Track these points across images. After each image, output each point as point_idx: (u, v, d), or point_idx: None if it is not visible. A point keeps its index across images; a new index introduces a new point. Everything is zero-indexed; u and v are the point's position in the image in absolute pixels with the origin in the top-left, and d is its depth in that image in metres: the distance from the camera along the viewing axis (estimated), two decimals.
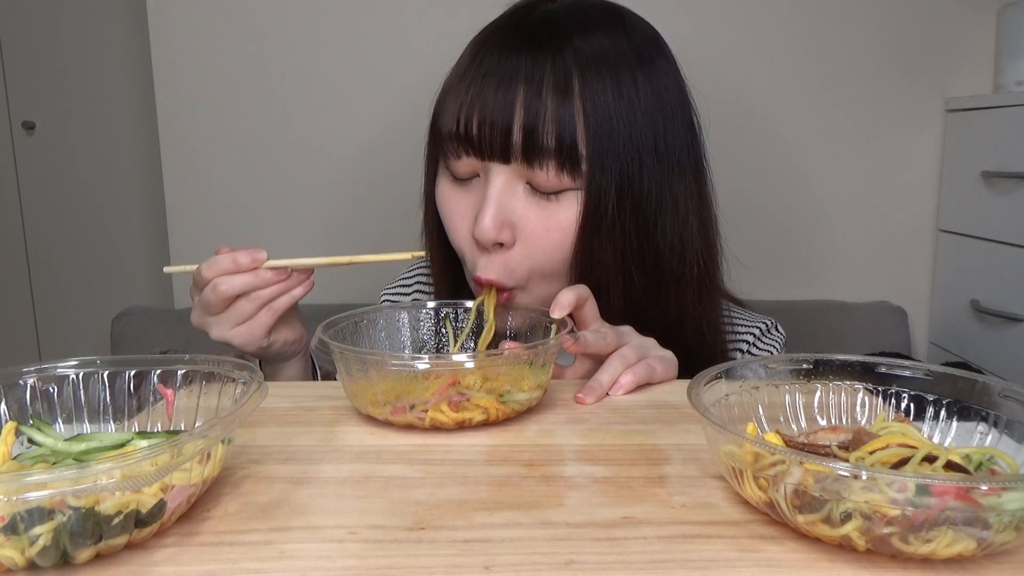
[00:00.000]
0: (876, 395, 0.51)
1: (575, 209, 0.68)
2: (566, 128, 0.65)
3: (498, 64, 0.67)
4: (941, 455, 0.40)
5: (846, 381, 0.52)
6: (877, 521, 0.35)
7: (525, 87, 0.66)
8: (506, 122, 0.66)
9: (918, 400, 0.50)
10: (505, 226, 0.68)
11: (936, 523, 0.35)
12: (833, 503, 0.36)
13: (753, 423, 0.48)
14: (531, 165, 0.66)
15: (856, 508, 0.36)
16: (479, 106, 0.67)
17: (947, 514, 0.35)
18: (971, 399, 0.47)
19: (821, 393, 0.52)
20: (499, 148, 0.67)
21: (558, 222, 0.68)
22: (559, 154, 0.66)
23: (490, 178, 0.68)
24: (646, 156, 0.68)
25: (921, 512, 0.35)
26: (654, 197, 0.69)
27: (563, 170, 0.66)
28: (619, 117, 0.67)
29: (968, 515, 0.35)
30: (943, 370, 0.49)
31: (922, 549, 0.36)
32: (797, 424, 0.51)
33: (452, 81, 0.72)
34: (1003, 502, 0.34)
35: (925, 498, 0.34)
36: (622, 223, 0.68)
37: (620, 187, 0.68)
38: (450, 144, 0.70)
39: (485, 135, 0.67)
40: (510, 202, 0.68)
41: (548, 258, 0.70)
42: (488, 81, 0.67)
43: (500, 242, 0.68)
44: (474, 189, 0.71)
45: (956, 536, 0.35)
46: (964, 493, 0.34)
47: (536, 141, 0.65)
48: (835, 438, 0.48)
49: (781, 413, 0.51)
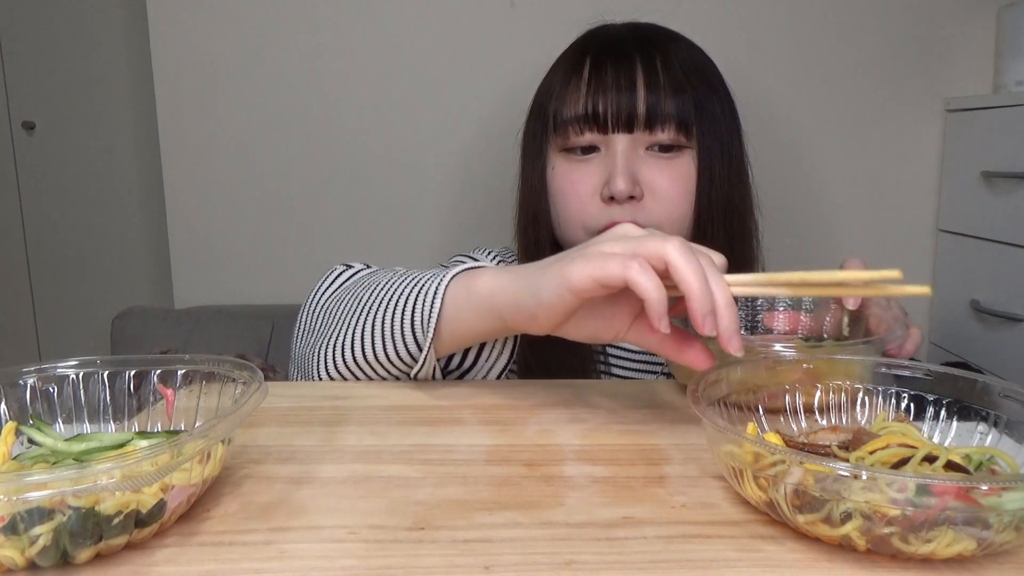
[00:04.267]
0: (876, 395, 0.51)
1: (691, 165, 0.81)
2: (681, 96, 0.79)
3: (612, 54, 0.81)
4: (941, 455, 0.41)
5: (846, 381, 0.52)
6: (877, 521, 0.35)
7: (643, 66, 0.79)
8: (631, 97, 0.79)
9: (918, 400, 0.50)
10: (636, 182, 0.79)
11: (936, 523, 0.35)
12: (833, 503, 0.36)
13: (753, 423, 0.48)
14: (653, 130, 0.79)
15: (856, 508, 0.36)
16: (602, 88, 0.79)
17: (947, 514, 0.35)
18: (971, 399, 0.47)
19: (821, 393, 0.52)
20: (624, 119, 0.79)
21: (680, 175, 0.81)
22: (678, 116, 0.79)
23: (615, 147, 0.80)
24: (734, 133, 0.84)
25: (921, 512, 0.35)
26: (738, 164, 0.84)
27: (680, 131, 0.80)
28: (712, 89, 0.82)
29: (968, 515, 0.35)
30: (943, 370, 0.49)
31: (922, 549, 0.36)
32: (797, 424, 0.51)
33: (563, 79, 0.84)
34: (1003, 502, 0.34)
35: (925, 498, 0.34)
36: (724, 181, 0.82)
37: (723, 149, 0.82)
38: (574, 126, 0.81)
39: (611, 110, 0.79)
40: (635, 164, 0.80)
41: (676, 205, 0.80)
42: (606, 68, 0.80)
43: (632, 196, 0.79)
44: (595, 161, 0.82)
45: (956, 536, 0.35)
46: (964, 493, 0.34)
47: (658, 109, 0.79)
48: (835, 438, 0.48)
49: (781, 413, 0.51)
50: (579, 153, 0.82)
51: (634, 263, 0.48)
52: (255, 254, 1.50)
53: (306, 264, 1.50)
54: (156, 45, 1.44)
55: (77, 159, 1.87)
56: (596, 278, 0.49)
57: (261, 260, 1.50)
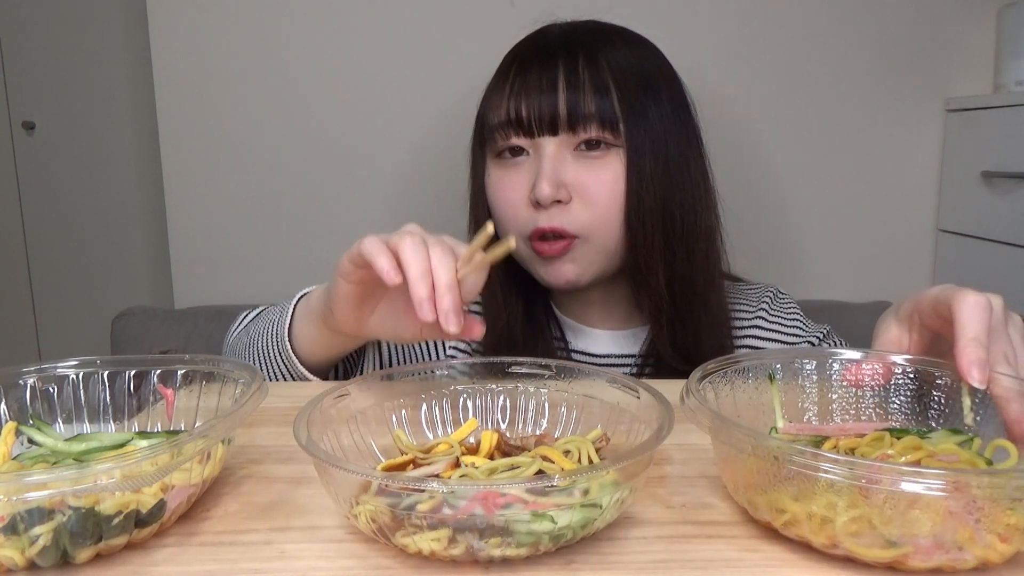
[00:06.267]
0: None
1: (620, 165, 0.78)
2: (603, 95, 0.77)
3: (537, 57, 0.80)
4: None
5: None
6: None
7: (564, 68, 0.77)
8: (552, 99, 0.77)
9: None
10: (561, 186, 0.77)
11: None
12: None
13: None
14: (575, 131, 0.77)
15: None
16: (525, 92, 0.78)
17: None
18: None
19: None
20: (547, 122, 0.77)
21: (608, 175, 0.78)
22: (600, 115, 0.76)
23: (541, 150, 0.78)
24: (670, 126, 0.79)
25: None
26: (678, 163, 0.79)
27: (604, 129, 0.77)
28: (645, 88, 0.79)
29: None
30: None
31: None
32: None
33: (494, 85, 0.83)
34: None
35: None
36: (658, 181, 0.78)
37: (654, 146, 0.78)
38: (500, 132, 0.80)
39: (534, 114, 0.77)
40: (562, 166, 0.78)
41: (605, 206, 0.78)
42: (530, 71, 0.79)
43: (558, 199, 0.77)
44: (524, 166, 0.80)
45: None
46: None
47: (579, 110, 0.76)
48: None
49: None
50: (509, 157, 0.81)
51: (367, 240, 0.55)
52: (255, 254, 1.50)
53: (306, 264, 1.50)
54: (156, 45, 1.43)
55: (77, 159, 1.87)
56: (347, 257, 0.58)
57: (261, 260, 1.50)
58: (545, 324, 0.88)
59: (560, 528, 0.36)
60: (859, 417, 0.50)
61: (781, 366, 0.51)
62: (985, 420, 0.46)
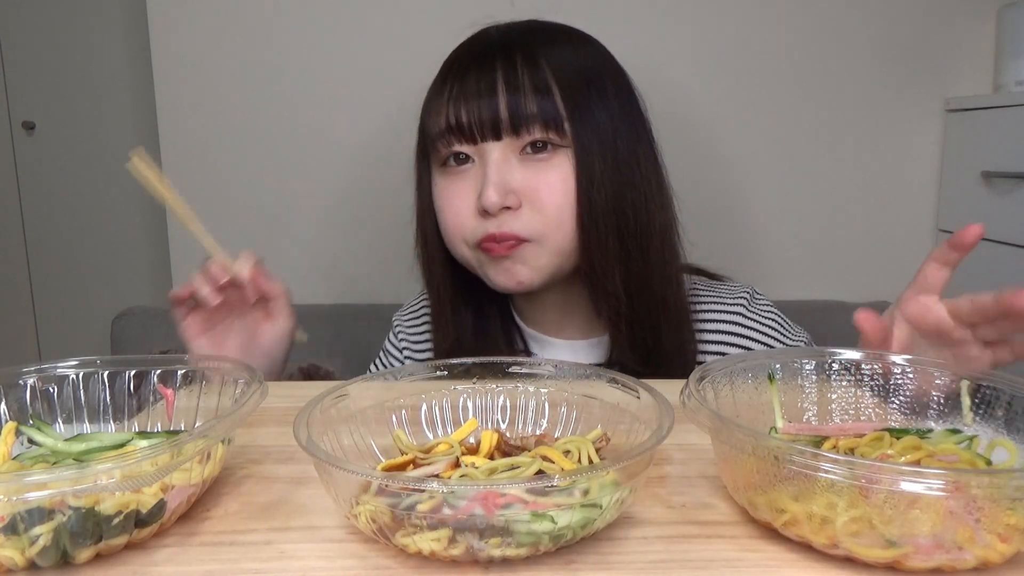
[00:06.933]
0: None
1: (568, 166, 0.75)
2: (544, 95, 0.74)
3: (474, 61, 0.77)
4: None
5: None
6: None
7: (503, 70, 0.75)
8: (492, 103, 0.74)
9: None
10: (509, 192, 0.75)
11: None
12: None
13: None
14: (519, 134, 0.74)
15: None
16: (463, 97, 0.75)
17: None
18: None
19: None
20: (489, 127, 0.74)
21: (556, 177, 0.75)
22: (542, 116, 0.74)
23: (486, 156, 0.75)
24: (618, 124, 0.77)
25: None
26: (628, 160, 0.77)
27: (549, 129, 0.74)
28: (588, 85, 0.76)
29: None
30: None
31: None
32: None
33: (432, 92, 0.81)
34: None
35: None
36: (608, 180, 0.75)
37: (602, 144, 0.75)
38: (442, 140, 0.77)
39: (475, 119, 0.74)
40: (508, 172, 0.75)
41: (555, 209, 0.75)
42: (468, 76, 0.76)
43: (507, 206, 0.74)
44: (469, 173, 0.77)
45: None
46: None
47: (521, 111, 0.74)
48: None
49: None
50: (453, 165, 0.78)
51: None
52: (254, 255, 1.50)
53: (306, 265, 1.50)
54: (156, 45, 1.43)
55: (77, 159, 1.87)
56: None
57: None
58: (500, 337, 0.86)
59: (560, 528, 0.36)
60: (859, 417, 0.50)
61: (781, 366, 0.51)
62: (985, 420, 0.46)
